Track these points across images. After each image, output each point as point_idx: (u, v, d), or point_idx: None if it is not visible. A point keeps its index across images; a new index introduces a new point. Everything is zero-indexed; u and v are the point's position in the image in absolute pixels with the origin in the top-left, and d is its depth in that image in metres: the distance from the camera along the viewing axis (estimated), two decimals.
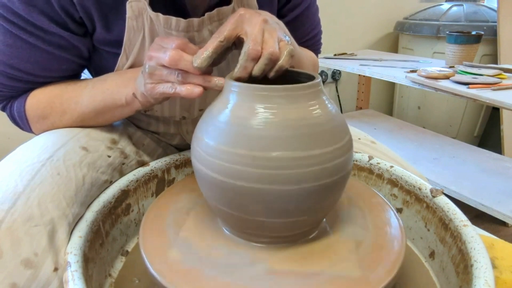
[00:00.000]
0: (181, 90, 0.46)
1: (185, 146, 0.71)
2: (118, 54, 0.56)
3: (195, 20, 0.54)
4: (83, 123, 0.58)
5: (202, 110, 0.65)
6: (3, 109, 0.61)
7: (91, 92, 0.56)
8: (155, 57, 0.47)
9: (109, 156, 0.56)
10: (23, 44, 0.52)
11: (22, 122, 0.60)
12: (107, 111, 0.57)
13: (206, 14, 0.54)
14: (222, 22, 0.56)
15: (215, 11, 0.54)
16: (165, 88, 0.47)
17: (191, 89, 0.46)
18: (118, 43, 0.55)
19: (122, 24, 0.54)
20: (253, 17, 0.46)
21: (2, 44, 0.52)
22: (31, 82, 0.57)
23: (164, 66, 0.46)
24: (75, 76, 0.61)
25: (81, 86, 0.58)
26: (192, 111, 0.64)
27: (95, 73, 0.64)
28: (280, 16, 0.68)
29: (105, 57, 0.59)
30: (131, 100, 0.54)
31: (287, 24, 0.68)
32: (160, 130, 0.68)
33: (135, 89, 0.52)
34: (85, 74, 0.66)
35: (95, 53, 0.59)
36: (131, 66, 0.57)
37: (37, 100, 0.58)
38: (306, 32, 0.73)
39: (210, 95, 0.62)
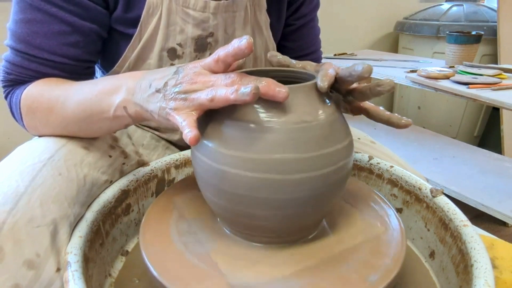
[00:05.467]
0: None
1: (187, 143, 0.72)
2: (131, 36, 0.57)
3: (212, 3, 0.59)
4: (65, 127, 0.53)
5: None
6: (6, 96, 0.59)
7: (80, 95, 0.50)
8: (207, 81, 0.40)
9: (110, 156, 0.56)
10: (44, 17, 0.53)
11: (16, 112, 0.57)
12: (92, 122, 0.50)
13: (223, 1, 0.60)
14: (235, 14, 0.63)
15: (231, 1, 0.60)
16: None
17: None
18: (134, 22, 0.57)
19: (143, 3, 0.57)
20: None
21: (21, 21, 0.53)
22: (44, 64, 0.55)
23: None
24: (87, 68, 0.60)
25: (72, 87, 0.53)
26: None
27: (104, 61, 0.64)
28: (287, 25, 0.73)
29: (116, 40, 0.60)
30: (121, 114, 0.47)
31: (293, 32, 0.74)
32: (161, 125, 0.69)
33: (128, 102, 0.45)
34: None
35: (107, 38, 0.60)
36: (142, 50, 0.59)
37: (31, 93, 0.55)
38: (309, 44, 0.77)
39: None
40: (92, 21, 0.56)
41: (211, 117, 0.42)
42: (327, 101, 0.42)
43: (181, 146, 0.73)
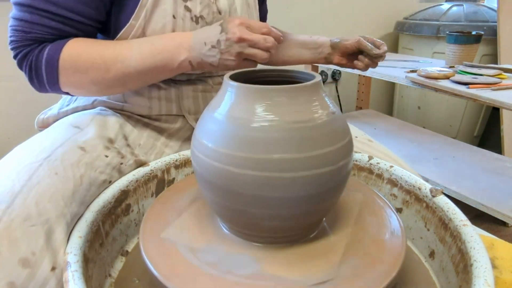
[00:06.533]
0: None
1: (188, 130, 0.72)
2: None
3: None
4: (125, 83, 0.61)
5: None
6: (25, 57, 0.58)
7: (139, 54, 0.59)
8: (248, 39, 0.56)
9: (106, 156, 0.56)
10: None
11: (48, 71, 0.58)
12: (154, 74, 0.61)
13: None
14: None
15: None
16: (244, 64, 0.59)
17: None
18: None
19: None
20: None
21: None
22: (62, 23, 0.57)
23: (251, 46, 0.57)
24: (96, 29, 0.63)
25: (125, 46, 0.60)
26: None
27: (118, 20, 0.64)
28: None
29: (125, 3, 0.61)
30: (186, 66, 0.60)
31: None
32: (162, 112, 0.69)
33: (192, 57, 0.59)
34: None
35: (114, 6, 0.62)
36: (151, 10, 0.61)
37: (75, 52, 0.58)
38: (262, 19, 0.94)
39: None
40: None
41: (210, 116, 0.42)
42: (327, 100, 0.42)
43: (182, 136, 0.73)
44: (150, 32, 0.62)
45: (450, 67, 1.44)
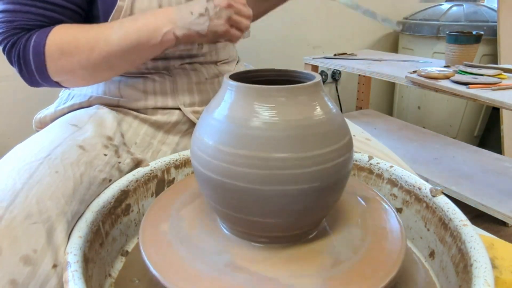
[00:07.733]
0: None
1: (185, 123, 0.72)
2: None
3: None
4: (111, 64, 0.61)
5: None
6: (12, 47, 0.58)
7: (121, 30, 0.59)
8: (234, 6, 0.59)
9: (105, 155, 0.56)
10: None
11: (36, 59, 0.58)
12: (138, 51, 0.60)
13: None
14: None
15: None
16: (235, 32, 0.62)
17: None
18: None
19: None
20: None
21: None
22: (45, 9, 0.58)
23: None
24: (80, 16, 0.63)
25: (107, 26, 0.60)
26: None
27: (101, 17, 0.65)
28: None
29: None
30: (170, 39, 0.59)
31: None
32: (158, 105, 0.69)
33: (176, 28, 0.58)
34: None
35: None
36: None
37: (60, 37, 0.58)
38: None
39: None
40: None
41: (210, 116, 0.42)
42: (327, 100, 0.42)
43: (179, 130, 0.73)
44: (138, 11, 0.63)
45: (450, 67, 1.44)
